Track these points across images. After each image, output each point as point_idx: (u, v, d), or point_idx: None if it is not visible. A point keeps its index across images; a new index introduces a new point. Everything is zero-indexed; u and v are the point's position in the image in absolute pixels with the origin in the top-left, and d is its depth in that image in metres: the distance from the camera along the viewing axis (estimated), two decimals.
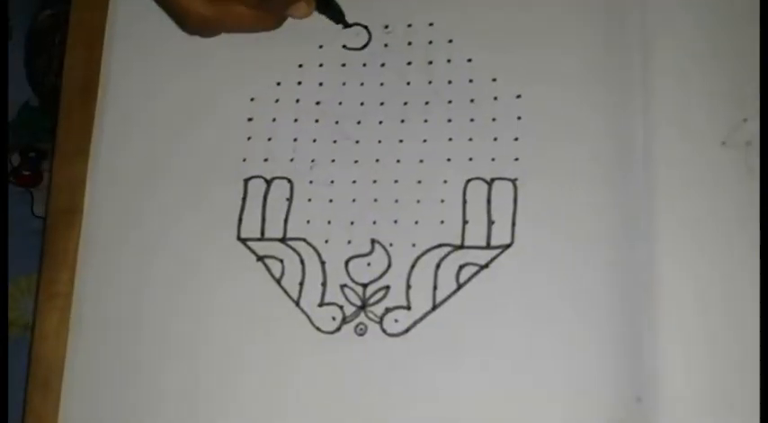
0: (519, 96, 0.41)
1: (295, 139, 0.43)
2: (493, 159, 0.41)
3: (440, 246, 0.40)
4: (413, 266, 0.40)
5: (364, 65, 0.43)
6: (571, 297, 0.38)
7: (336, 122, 0.43)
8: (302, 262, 0.41)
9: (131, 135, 0.44)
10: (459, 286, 0.40)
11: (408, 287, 0.40)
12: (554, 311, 0.38)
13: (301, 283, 0.41)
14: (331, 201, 0.42)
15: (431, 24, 0.43)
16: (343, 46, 0.44)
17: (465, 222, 0.40)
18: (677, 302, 0.37)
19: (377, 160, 0.42)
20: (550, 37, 0.41)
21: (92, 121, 0.45)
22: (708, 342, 0.37)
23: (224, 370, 0.41)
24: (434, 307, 0.40)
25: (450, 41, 0.43)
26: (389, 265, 0.41)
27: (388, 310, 0.40)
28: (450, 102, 0.42)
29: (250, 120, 0.44)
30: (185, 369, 0.41)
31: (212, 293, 0.41)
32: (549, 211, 0.39)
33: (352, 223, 0.41)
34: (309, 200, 0.42)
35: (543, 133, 0.40)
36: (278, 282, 0.41)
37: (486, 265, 0.40)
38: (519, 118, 0.41)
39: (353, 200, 0.42)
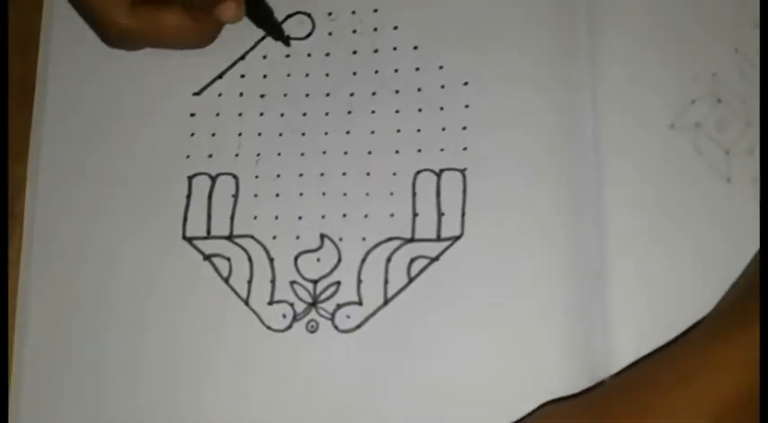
0: (466, 84, 0.40)
1: (240, 134, 0.42)
2: (441, 150, 0.40)
3: (390, 239, 0.39)
4: (363, 261, 0.39)
5: (309, 55, 0.42)
6: (523, 286, 0.38)
7: (282, 115, 0.42)
8: (250, 259, 0.40)
9: (72, 136, 0.43)
10: (411, 280, 0.39)
11: (359, 282, 0.39)
12: (506, 301, 0.38)
13: (250, 282, 0.40)
14: (278, 195, 0.41)
15: (375, 11, 0.42)
16: (287, 36, 0.43)
17: (415, 215, 0.40)
18: (628, 286, 0.37)
19: (324, 153, 0.41)
20: (496, 22, 0.41)
21: (29, 123, 0.43)
22: (659, 326, 0.36)
23: (174, 372, 0.40)
24: (386, 301, 0.39)
25: (396, 28, 0.42)
26: (339, 261, 0.40)
27: (339, 306, 0.39)
28: (397, 91, 0.41)
29: (193, 115, 0.43)
30: (132, 372, 0.40)
31: (158, 295, 0.40)
32: (498, 201, 0.39)
33: (300, 218, 0.40)
34: (256, 195, 0.41)
35: (491, 121, 0.40)
36: (226, 281, 0.40)
37: (437, 258, 0.39)
38: (467, 106, 0.40)
39: (301, 194, 0.41)
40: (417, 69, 0.41)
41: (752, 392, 0.31)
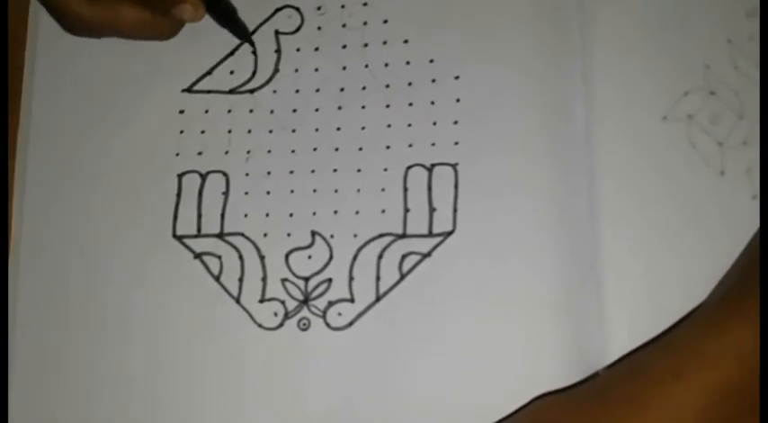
0: (457, 77, 0.40)
1: (229, 131, 0.42)
2: (433, 144, 0.40)
3: (381, 235, 0.39)
4: (355, 258, 0.39)
5: (298, 50, 0.42)
6: (515, 281, 0.37)
7: (271, 111, 0.41)
8: (241, 257, 0.40)
9: (60, 134, 0.43)
10: (403, 276, 0.39)
11: (351, 279, 0.39)
12: (499, 296, 0.37)
13: (241, 280, 0.40)
14: (268, 193, 0.41)
15: (365, 4, 0.42)
16: (276, 31, 0.42)
17: (406, 210, 0.39)
18: (621, 278, 0.37)
19: (314, 149, 0.41)
20: (487, 15, 0.40)
21: (17, 121, 0.43)
22: (653, 317, 0.36)
23: (164, 371, 0.39)
24: (378, 298, 0.39)
25: (386, 22, 0.41)
26: (331, 258, 0.39)
27: (331, 304, 0.39)
28: (387, 86, 0.41)
29: (182, 112, 0.42)
30: (122, 371, 0.40)
31: (148, 294, 0.40)
32: (490, 195, 0.38)
33: (291, 215, 0.40)
34: (246, 193, 0.41)
35: (482, 115, 0.39)
36: (216, 279, 0.40)
37: (429, 254, 0.38)
38: (458, 100, 0.40)
39: (291, 191, 0.40)
40: (408, 63, 0.41)
41: (744, 385, 0.31)
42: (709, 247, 0.36)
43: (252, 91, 0.42)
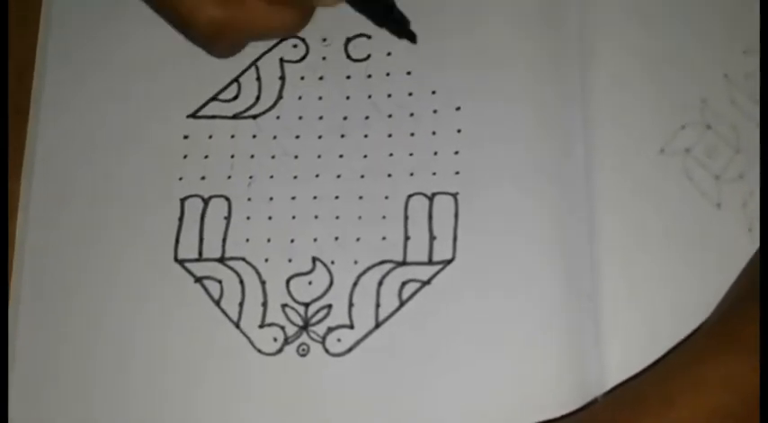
0: (458, 108, 0.41)
1: (232, 156, 0.42)
2: (434, 174, 0.40)
3: (382, 262, 0.39)
4: (355, 284, 0.39)
5: (302, 78, 0.43)
6: (515, 309, 0.38)
7: (274, 137, 0.42)
8: (242, 282, 0.40)
9: (65, 157, 0.43)
10: (402, 303, 0.39)
11: (351, 305, 0.39)
12: (498, 324, 0.38)
13: (241, 304, 0.40)
14: (270, 218, 0.41)
15: (369, 37, 0.43)
16: (281, 59, 0.43)
17: (407, 238, 0.40)
18: (621, 311, 0.37)
19: (317, 176, 0.41)
20: (488, 49, 0.41)
21: (23, 142, 0.43)
22: (651, 347, 0.36)
23: (163, 395, 0.39)
24: (377, 325, 0.39)
25: (389, 54, 0.42)
26: (331, 284, 0.40)
27: (330, 330, 0.39)
28: (390, 116, 0.41)
29: (186, 137, 0.43)
30: (121, 394, 0.39)
31: (149, 317, 0.40)
32: (490, 225, 0.39)
33: (292, 241, 0.40)
34: (248, 218, 0.41)
35: (483, 146, 0.40)
36: (217, 303, 0.40)
37: (429, 282, 0.39)
38: (459, 131, 0.40)
39: (293, 217, 0.41)
40: (410, 94, 0.41)
41: (735, 412, 0.31)
42: (706, 278, 0.37)
43: (255, 117, 0.42)
